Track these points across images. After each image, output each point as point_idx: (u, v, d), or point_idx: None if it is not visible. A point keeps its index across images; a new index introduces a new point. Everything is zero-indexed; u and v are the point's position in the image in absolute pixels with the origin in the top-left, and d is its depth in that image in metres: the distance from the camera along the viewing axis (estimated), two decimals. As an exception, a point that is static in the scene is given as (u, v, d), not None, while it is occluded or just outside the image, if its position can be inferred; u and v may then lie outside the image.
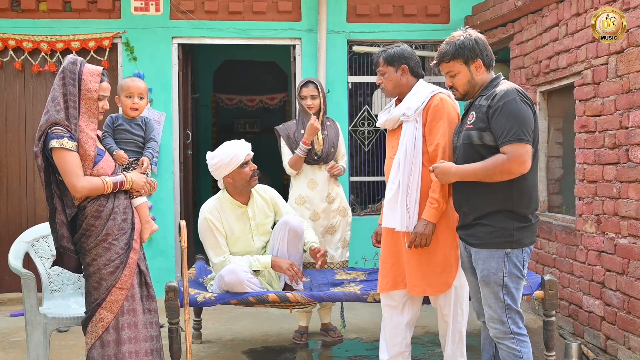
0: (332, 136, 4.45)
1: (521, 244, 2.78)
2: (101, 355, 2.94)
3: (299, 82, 4.52)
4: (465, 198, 2.87)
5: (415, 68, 3.28)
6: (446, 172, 2.86)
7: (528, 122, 2.71)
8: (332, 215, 4.38)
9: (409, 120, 3.17)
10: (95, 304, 2.95)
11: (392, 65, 3.26)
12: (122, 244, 2.99)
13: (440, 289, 3.15)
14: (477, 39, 2.87)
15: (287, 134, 4.41)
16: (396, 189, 3.16)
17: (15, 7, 5.60)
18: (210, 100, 9.57)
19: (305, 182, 4.39)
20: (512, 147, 2.67)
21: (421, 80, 3.29)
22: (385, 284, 3.28)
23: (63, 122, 2.88)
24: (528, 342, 2.82)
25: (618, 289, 3.84)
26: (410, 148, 3.14)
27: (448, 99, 3.18)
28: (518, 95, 2.73)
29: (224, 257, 3.80)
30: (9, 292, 5.60)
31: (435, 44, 6.06)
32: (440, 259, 3.13)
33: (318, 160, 4.34)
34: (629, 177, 3.71)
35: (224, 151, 3.82)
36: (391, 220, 3.19)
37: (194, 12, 5.76)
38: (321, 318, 4.53)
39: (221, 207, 3.86)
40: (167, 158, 5.74)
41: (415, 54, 3.33)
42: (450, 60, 2.88)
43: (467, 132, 2.84)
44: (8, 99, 5.69)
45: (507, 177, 2.71)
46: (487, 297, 2.83)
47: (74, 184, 2.85)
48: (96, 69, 2.99)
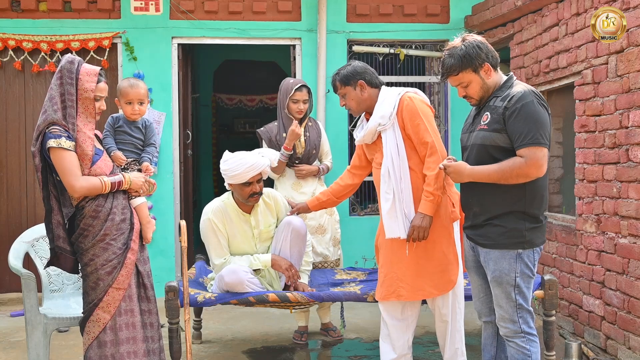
0: (314, 137, 4.46)
1: (532, 244, 2.78)
2: (98, 356, 2.94)
3: (290, 83, 4.40)
4: (477, 199, 2.86)
5: (372, 80, 3.28)
6: (460, 172, 2.83)
7: (545, 125, 2.70)
8: (319, 214, 4.38)
9: (385, 128, 3.17)
10: (93, 304, 2.95)
11: (349, 84, 3.27)
12: (119, 244, 2.98)
13: (445, 287, 3.14)
14: (478, 43, 2.83)
15: (268, 137, 4.42)
16: (392, 200, 3.14)
17: (15, 7, 5.60)
18: (210, 100, 9.57)
19: (289, 184, 4.41)
20: (530, 151, 2.66)
21: (383, 87, 3.29)
22: (383, 292, 3.23)
23: (60, 121, 2.87)
24: (537, 342, 2.84)
25: (618, 289, 3.84)
26: (395, 155, 3.13)
27: (415, 96, 3.19)
28: (535, 97, 2.72)
29: (225, 258, 3.79)
30: (9, 292, 5.60)
31: (435, 44, 6.06)
32: (439, 258, 3.12)
33: (299, 163, 4.36)
34: (629, 177, 3.71)
35: (235, 162, 3.65)
36: (395, 230, 3.14)
37: (194, 12, 5.76)
38: (321, 318, 4.53)
39: (225, 210, 3.83)
40: (167, 158, 5.74)
41: (369, 67, 3.32)
42: (459, 72, 2.84)
43: (481, 132, 2.82)
44: (8, 99, 5.69)
45: (523, 180, 2.71)
46: (499, 297, 2.84)
47: (72, 183, 2.84)
48: (93, 69, 2.98)
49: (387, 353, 3.27)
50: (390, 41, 5.97)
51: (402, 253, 3.14)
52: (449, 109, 6.04)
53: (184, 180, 5.94)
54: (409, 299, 3.16)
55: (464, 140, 2.99)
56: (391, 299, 3.18)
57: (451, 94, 6.00)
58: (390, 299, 3.18)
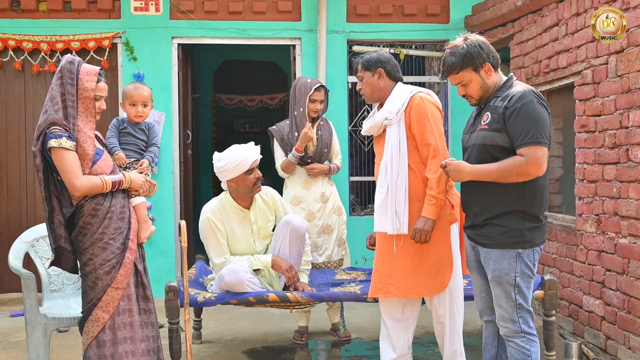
0: (325, 136, 4.46)
1: (532, 244, 2.79)
2: (97, 355, 2.94)
3: (308, 83, 4.38)
4: (477, 198, 2.87)
5: (393, 72, 3.29)
6: (459, 171, 2.84)
7: (545, 125, 2.71)
8: (328, 214, 4.38)
9: (391, 124, 3.18)
10: (91, 304, 2.95)
11: (369, 69, 3.28)
12: (118, 244, 2.98)
13: (437, 289, 3.14)
14: (480, 43, 2.85)
15: (280, 136, 4.42)
16: (385, 193, 3.16)
17: (15, 7, 5.60)
18: (210, 100, 9.58)
19: (299, 182, 4.40)
20: (530, 150, 2.67)
21: (400, 84, 3.30)
22: (371, 288, 3.26)
23: (61, 121, 2.87)
24: (537, 342, 2.84)
25: (618, 289, 3.84)
26: (396, 151, 3.14)
27: (429, 97, 3.19)
28: (535, 96, 2.73)
29: (225, 257, 3.79)
30: (9, 292, 5.60)
31: (435, 44, 6.06)
32: (434, 259, 3.12)
33: (311, 162, 4.36)
34: (629, 177, 3.71)
35: (231, 155, 3.73)
36: (383, 224, 3.19)
37: (194, 12, 5.76)
38: (330, 318, 4.52)
39: (223, 208, 3.85)
40: (167, 158, 5.74)
41: (393, 59, 3.32)
42: (460, 71, 2.85)
43: (482, 132, 2.83)
44: (8, 99, 5.69)
45: (523, 179, 2.72)
46: (499, 296, 2.84)
47: (73, 183, 2.85)
48: (93, 68, 2.99)
49: (387, 353, 3.27)
50: (391, 41, 5.97)
51: (392, 249, 3.17)
52: (449, 109, 6.04)
53: (184, 180, 5.94)
54: (397, 296, 3.17)
55: (465, 141, 3.00)
56: (379, 295, 3.21)
57: (451, 94, 6.00)
58: (378, 294, 3.21)
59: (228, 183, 3.82)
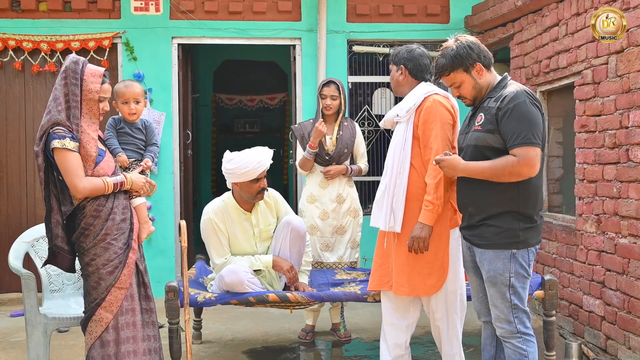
0: (347, 137, 4.44)
1: (527, 244, 2.79)
2: (101, 355, 2.94)
3: (321, 80, 4.52)
4: (471, 199, 2.87)
5: (415, 70, 3.26)
6: (454, 166, 2.84)
7: (538, 125, 2.71)
8: (342, 215, 4.38)
9: (400, 121, 3.19)
10: (95, 304, 2.95)
11: (396, 64, 3.31)
12: (120, 244, 2.99)
13: (428, 290, 3.12)
14: (469, 44, 2.85)
15: (301, 134, 4.44)
16: (384, 189, 3.18)
17: (15, 7, 5.59)
18: (210, 100, 9.57)
19: (316, 181, 4.42)
20: (522, 150, 2.67)
21: (422, 83, 3.26)
22: (370, 283, 3.30)
23: (65, 122, 2.87)
24: (534, 342, 2.83)
25: (618, 289, 3.84)
26: (400, 149, 3.14)
27: (444, 100, 3.14)
28: (527, 97, 2.73)
29: (225, 258, 3.79)
30: (9, 292, 5.59)
31: (435, 44, 6.06)
32: (429, 260, 3.10)
33: (330, 160, 4.36)
34: (629, 177, 3.71)
35: (241, 161, 3.68)
36: (377, 219, 3.21)
37: (194, 12, 5.76)
38: (332, 318, 4.53)
39: (226, 209, 3.84)
40: (167, 158, 5.74)
41: (423, 58, 3.27)
42: (451, 72, 2.88)
43: (475, 133, 2.83)
44: (8, 99, 5.69)
45: (516, 179, 2.72)
46: (494, 297, 2.84)
47: (76, 184, 2.85)
48: (98, 69, 2.99)
49: (387, 353, 3.27)
50: (390, 41, 5.97)
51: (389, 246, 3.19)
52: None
53: (184, 180, 5.94)
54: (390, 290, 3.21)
55: (460, 142, 3.00)
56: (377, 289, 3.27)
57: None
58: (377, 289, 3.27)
59: (233, 185, 3.83)
